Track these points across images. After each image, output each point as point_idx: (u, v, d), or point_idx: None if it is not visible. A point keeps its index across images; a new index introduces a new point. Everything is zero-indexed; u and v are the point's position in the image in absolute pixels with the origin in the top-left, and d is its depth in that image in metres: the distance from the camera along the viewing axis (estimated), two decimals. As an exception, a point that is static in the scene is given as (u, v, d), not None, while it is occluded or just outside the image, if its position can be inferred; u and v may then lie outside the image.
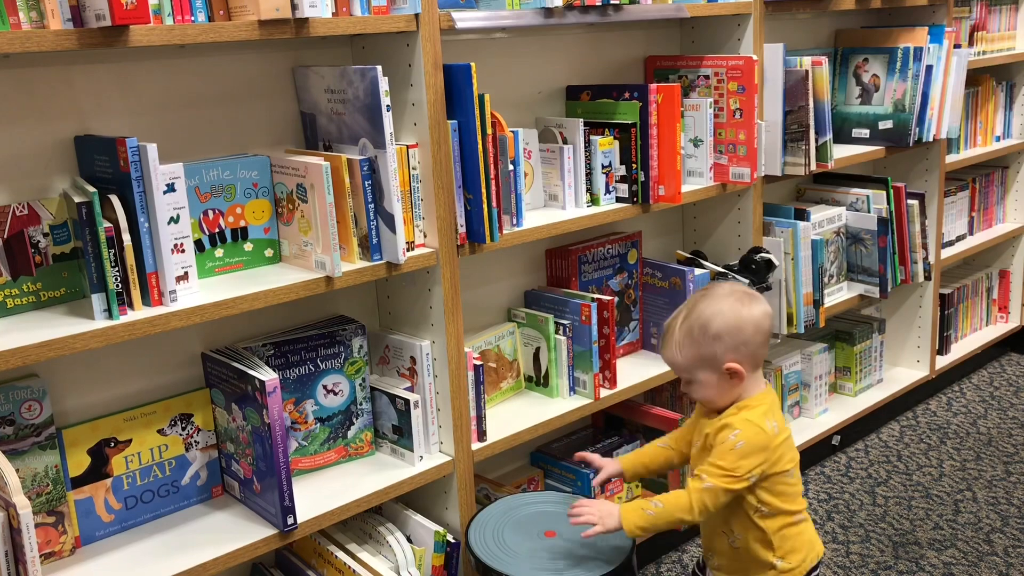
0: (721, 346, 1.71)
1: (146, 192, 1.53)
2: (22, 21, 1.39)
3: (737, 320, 1.71)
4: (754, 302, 1.74)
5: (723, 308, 1.72)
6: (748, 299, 1.74)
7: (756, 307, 1.74)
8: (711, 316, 1.72)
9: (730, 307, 1.72)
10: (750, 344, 1.71)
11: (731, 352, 1.71)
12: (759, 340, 1.73)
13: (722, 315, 1.71)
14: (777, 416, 1.73)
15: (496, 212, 1.92)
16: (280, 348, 1.88)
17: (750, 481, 1.67)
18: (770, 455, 1.68)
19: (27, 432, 1.60)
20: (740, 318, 1.71)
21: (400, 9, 1.77)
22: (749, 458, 1.66)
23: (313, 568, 1.94)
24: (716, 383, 1.73)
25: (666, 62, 2.50)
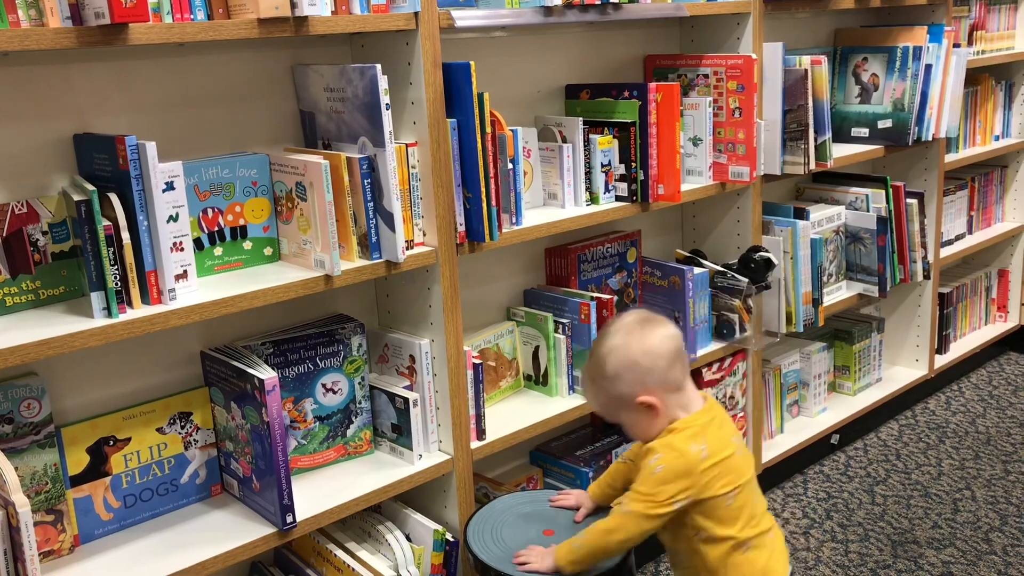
0: (623, 384, 1.67)
1: (145, 190, 1.53)
2: (21, 19, 1.39)
3: (627, 355, 1.66)
4: (646, 329, 1.68)
5: (614, 345, 1.68)
6: (639, 328, 1.68)
7: (649, 335, 1.67)
8: (604, 357, 1.68)
9: (621, 342, 1.67)
10: (653, 373, 1.65)
11: (637, 387, 1.66)
12: (662, 365, 1.66)
13: (613, 353, 1.67)
14: (710, 438, 1.65)
15: (495, 211, 1.92)
16: (279, 347, 1.88)
17: (673, 506, 1.61)
18: (696, 480, 1.61)
19: (26, 430, 1.59)
20: (630, 352, 1.66)
21: (399, 7, 1.77)
22: (669, 484, 1.61)
23: (312, 567, 1.94)
24: (637, 419, 1.69)
25: (665, 61, 2.50)
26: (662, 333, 1.69)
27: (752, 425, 2.66)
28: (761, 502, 1.73)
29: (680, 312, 2.41)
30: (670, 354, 1.67)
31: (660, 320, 1.73)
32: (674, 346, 1.69)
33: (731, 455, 1.66)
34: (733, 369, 2.57)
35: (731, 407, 2.59)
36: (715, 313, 2.51)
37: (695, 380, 2.47)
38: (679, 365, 1.69)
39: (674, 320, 2.41)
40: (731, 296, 2.46)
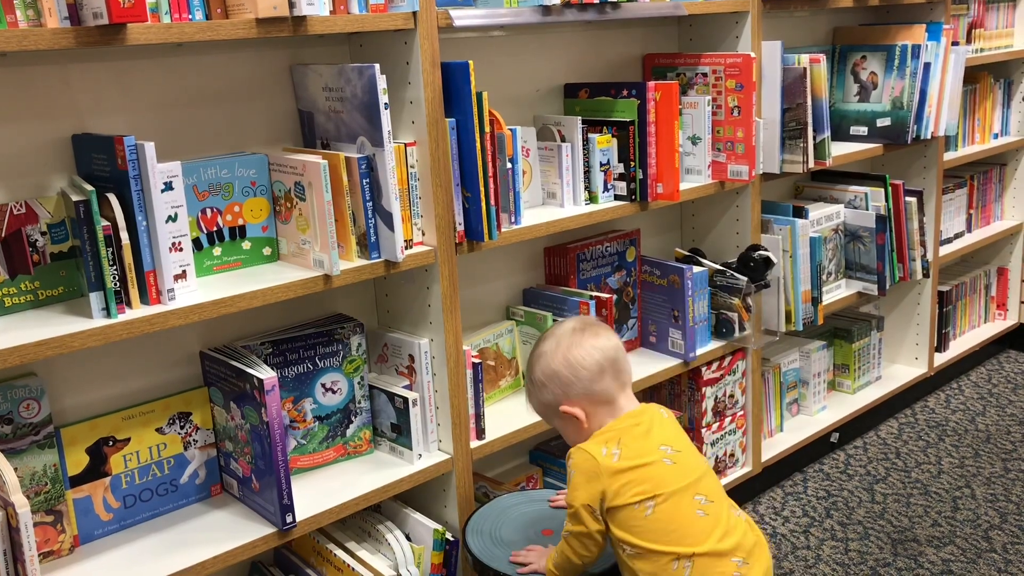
0: (547, 393, 1.66)
1: (144, 190, 1.53)
2: (19, 19, 1.39)
3: (550, 364, 1.64)
4: (576, 339, 1.64)
5: (542, 352, 1.67)
6: (569, 337, 1.65)
7: (576, 345, 1.63)
8: (533, 363, 1.68)
9: (548, 350, 1.66)
10: (574, 385, 1.63)
11: (560, 396, 1.65)
12: (584, 376, 1.62)
13: (540, 360, 1.66)
14: (627, 442, 1.59)
15: (494, 210, 1.92)
16: (278, 346, 1.88)
17: (590, 514, 1.57)
18: (607, 483, 1.56)
19: (25, 431, 1.59)
20: (553, 362, 1.64)
21: (398, 7, 1.77)
22: (579, 489, 1.58)
23: (312, 566, 1.94)
24: (564, 426, 1.68)
25: (664, 60, 2.50)
26: (591, 344, 1.64)
27: (752, 424, 2.66)
28: (716, 521, 1.59)
29: (679, 311, 2.41)
30: (596, 366, 1.63)
31: (596, 330, 1.68)
32: (601, 358, 1.64)
33: (651, 463, 1.58)
34: (732, 368, 2.57)
35: (731, 406, 2.59)
36: (714, 312, 2.51)
37: (695, 379, 2.49)
38: (608, 377, 1.64)
39: (672, 318, 2.42)
40: (730, 295, 2.47)
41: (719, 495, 1.63)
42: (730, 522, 1.61)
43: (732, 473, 2.64)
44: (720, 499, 1.63)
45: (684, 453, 1.62)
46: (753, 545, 1.61)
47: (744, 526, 1.63)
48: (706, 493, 1.60)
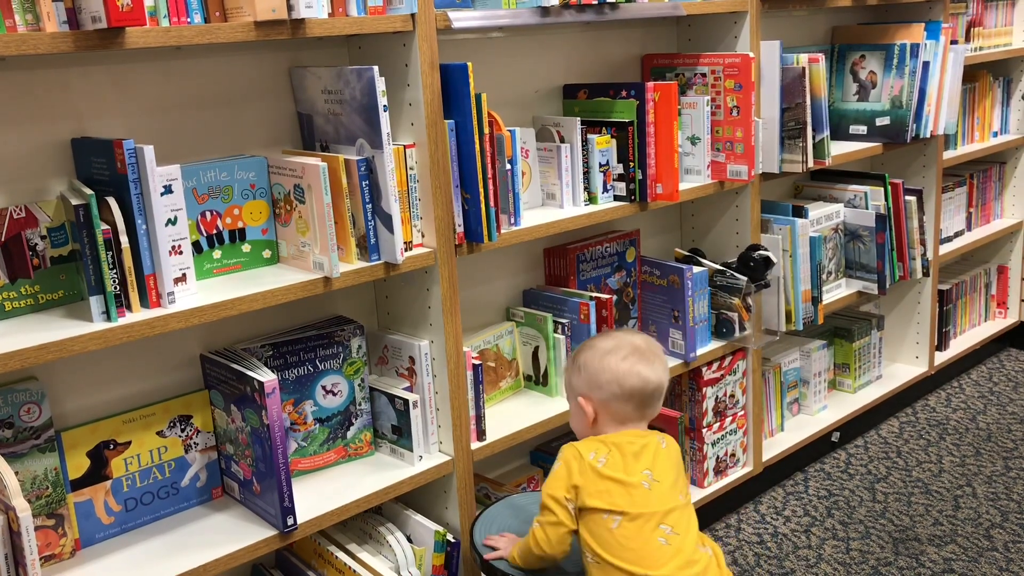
0: (578, 379, 1.72)
1: (143, 194, 1.53)
2: (18, 24, 1.39)
3: (595, 362, 1.69)
4: (631, 357, 1.68)
5: (598, 346, 1.72)
6: (627, 352, 1.69)
7: (626, 362, 1.67)
8: (584, 349, 1.74)
9: (603, 349, 1.71)
10: (603, 391, 1.68)
11: (585, 388, 1.70)
12: (616, 392, 1.67)
13: (593, 352, 1.72)
14: (615, 456, 1.62)
15: (494, 211, 1.92)
16: (279, 349, 1.88)
17: (563, 505, 1.61)
18: (585, 480, 1.60)
19: (26, 435, 1.59)
20: (599, 362, 1.69)
21: (396, 9, 1.77)
22: (558, 480, 1.63)
23: (313, 568, 1.94)
24: (575, 412, 1.75)
25: (663, 60, 2.50)
26: (640, 370, 1.68)
27: (752, 423, 2.66)
28: (678, 551, 1.61)
29: (679, 311, 2.41)
30: (630, 390, 1.68)
31: (651, 360, 1.70)
32: (639, 385, 1.68)
33: (630, 483, 1.61)
34: (733, 368, 2.57)
35: (731, 406, 2.59)
36: (715, 312, 2.51)
37: (695, 379, 2.49)
38: (632, 404, 1.69)
39: (673, 318, 2.42)
40: (730, 295, 2.47)
41: (687, 530, 1.65)
42: (693, 556, 1.63)
43: (733, 473, 2.64)
44: (687, 534, 1.64)
45: (662, 484, 1.64)
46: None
47: (709, 561, 1.65)
48: (673, 525, 1.62)
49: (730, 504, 2.69)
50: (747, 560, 2.47)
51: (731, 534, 2.60)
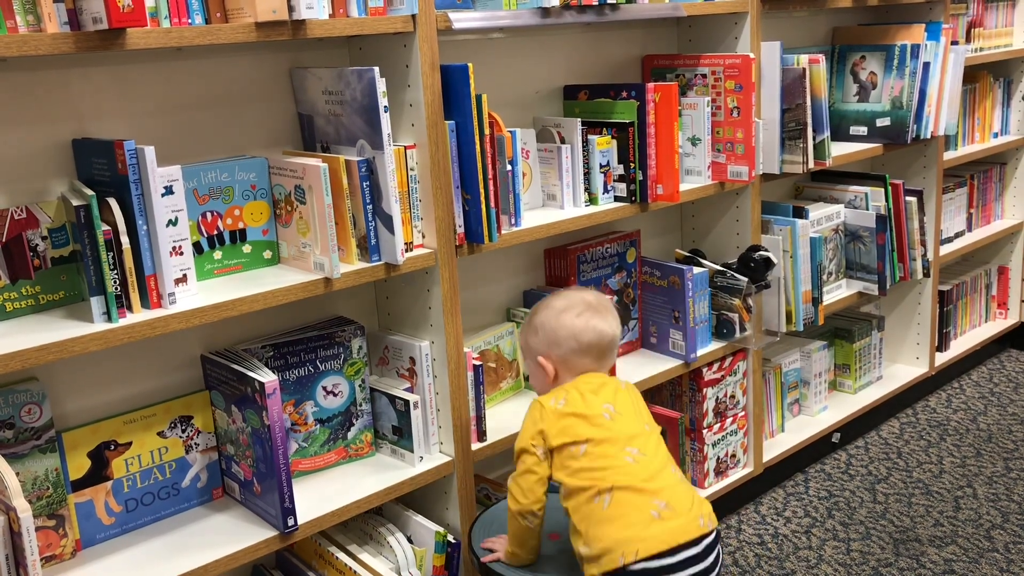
0: (535, 339, 1.78)
1: (144, 195, 1.53)
2: (19, 24, 1.39)
3: (551, 321, 1.76)
4: (585, 313, 1.74)
5: (552, 306, 1.78)
6: (583, 308, 1.75)
7: (581, 318, 1.74)
8: (539, 310, 1.80)
9: (557, 308, 1.77)
10: (560, 347, 1.74)
11: (542, 348, 1.77)
12: (573, 347, 1.74)
13: (546, 312, 1.78)
14: (573, 395, 1.69)
15: (494, 212, 1.93)
16: (279, 350, 1.88)
17: (534, 452, 1.67)
18: (548, 424, 1.67)
19: (27, 435, 1.60)
20: (558, 321, 1.75)
21: (397, 10, 1.77)
22: (524, 432, 1.70)
23: (314, 569, 1.94)
24: (534, 372, 1.80)
25: (663, 61, 2.50)
26: (594, 324, 1.75)
27: (753, 424, 2.66)
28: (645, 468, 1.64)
29: (680, 312, 2.41)
30: (586, 344, 1.74)
31: (604, 314, 1.77)
32: (595, 339, 1.74)
33: (590, 415, 1.67)
34: (733, 368, 2.57)
35: (732, 406, 2.59)
36: (715, 312, 2.51)
37: (695, 380, 2.49)
38: (590, 358, 1.75)
39: (673, 319, 2.42)
40: (731, 295, 2.47)
41: (655, 453, 1.69)
42: (662, 474, 1.66)
43: (733, 474, 2.64)
44: (654, 456, 1.68)
45: (624, 415, 1.70)
46: (685, 503, 1.64)
47: (678, 484, 1.66)
48: (639, 447, 1.67)
49: (730, 505, 2.69)
50: (747, 561, 2.47)
51: (731, 535, 2.60)
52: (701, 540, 1.61)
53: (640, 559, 1.56)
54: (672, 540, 1.58)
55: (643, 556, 1.56)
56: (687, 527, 1.60)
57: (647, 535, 1.57)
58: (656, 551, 1.56)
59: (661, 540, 1.57)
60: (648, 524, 1.58)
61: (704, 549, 1.61)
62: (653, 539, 1.57)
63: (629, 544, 1.57)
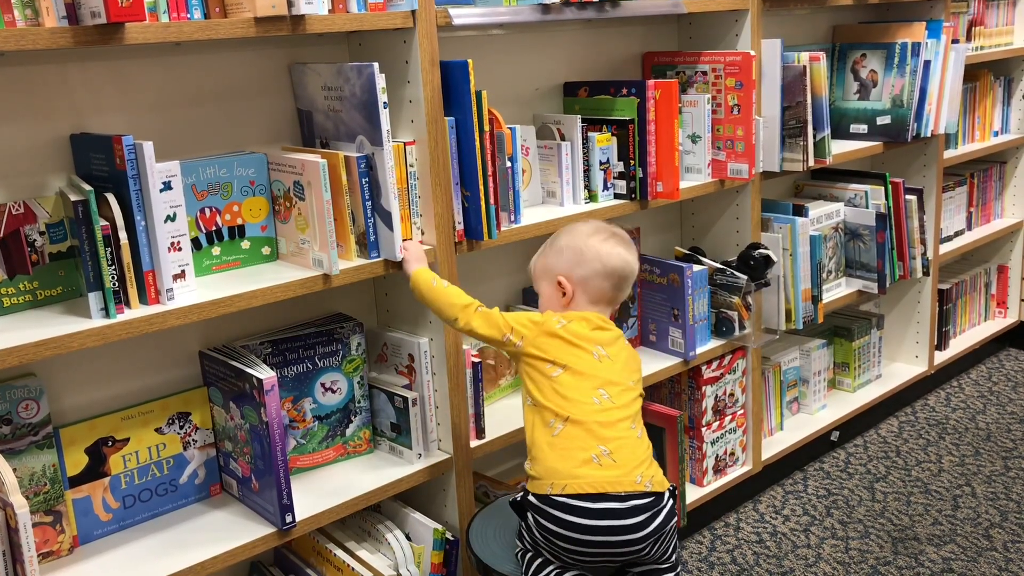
0: (561, 260, 1.77)
1: (142, 190, 1.52)
2: (17, 19, 1.38)
3: (579, 242, 1.76)
4: (611, 240, 1.76)
5: (579, 229, 1.79)
6: (607, 235, 1.77)
7: (608, 244, 1.75)
8: (564, 233, 1.80)
9: (585, 231, 1.78)
10: (586, 268, 1.74)
11: (565, 267, 1.76)
12: (598, 270, 1.74)
13: (573, 233, 1.79)
14: (575, 325, 1.70)
15: (494, 209, 1.92)
16: (278, 346, 1.87)
17: (503, 336, 1.70)
18: (537, 329, 1.69)
19: (24, 431, 1.59)
20: (582, 242, 1.76)
21: (397, 6, 1.76)
22: (520, 321, 1.72)
23: (312, 566, 1.94)
24: (550, 294, 1.78)
25: (664, 58, 2.50)
26: (621, 251, 1.76)
27: (752, 422, 2.66)
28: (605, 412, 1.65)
29: (679, 309, 2.41)
30: (611, 269, 1.75)
31: (628, 245, 1.79)
32: (620, 265, 1.76)
33: (580, 347, 1.69)
34: (733, 366, 2.57)
35: (731, 404, 2.59)
36: (714, 310, 2.50)
37: (695, 378, 2.49)
38: (610, 283, 1.75)
39: (672, 317, 2.41)
40: (730, 293, 2.46)
41: (625, 406, 1.69)
42: (619, 425, 1.66)
43: (732, 472, 2.64)
44: (623, 408, 1.68)
45: (613, 362, 1.71)
46: (630, 459, 1.63)
47: (633, 440, 1.66)
48: (611, 395, 1.68)
49: (729, 503, 2.69)
50: (746, 559, 2.47)
51: (730, 533, 2.60)
52: (629, 498, 1.60)
53: (565, 494, 1.59)
54: (599, 487, 1.60)
55: (568, 493, 1.59)
56: (621, 479, 1.61)
57: (579, 474, 1.61)
58: (581, 492, 1.59)
59: (589, 483, 1.60)
60: (583, 464, 1.61)
61: (630, 508, 1.59)
62: (583, 479, 1.60)
63: (559, 477, 1.61)
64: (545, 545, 1.63)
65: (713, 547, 2.53)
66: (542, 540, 1.63)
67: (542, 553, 1.66)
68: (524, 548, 1.69)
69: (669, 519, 1.64)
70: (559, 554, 1.63)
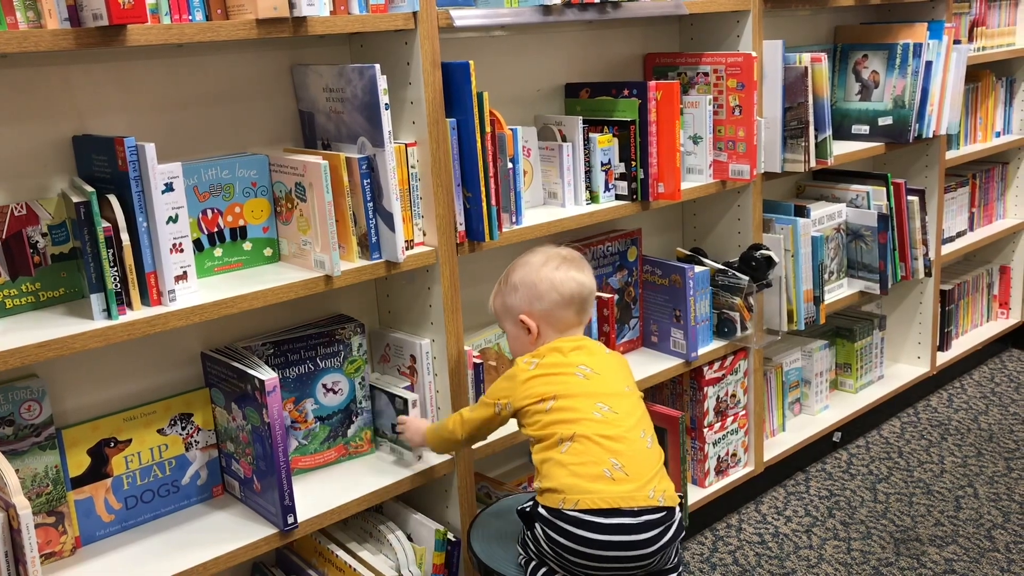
0: (517, 298, 1.77)
1: (144, 192, 1.53)
2: (19, 21, 1.39)
3: (531, 276, 1.75)
4: (563, 266, 1.76)
5: (528, 262, 1.78)
6: (557, 260, 1.77)
7: (560, 269, 1.75)
8: (515, 268, 1.80)
9: (535, 263, 1.77)
10: (543, 301, 1.74)
11: (524, 305, 1.76)
12: (556, 300, 1.73)
13: (524, 268, 1.78)
14: (549, 358, 1.70)
15: (495, 210, 1.92)
16: (279, 347, 1.88)
17: (495, 408, 1.71)
18: (516, 388, 1.69)
19: (27, 432, 1.59)
20: (537, 274, 1.75)
21: (398, 7, 1.77)
22: (496, 385, 1.74)
23: (314, 567, 1.94)
24: (516, 334, 1.79)
25: (665, 59, 2.50)
26: (574, 275, 1.76)
27: (754, 423, 2.66)
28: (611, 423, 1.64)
29: (681, 310, 2.41)
30: (569, 296, 1.75)
31: (580, 266, 1.78)
32: (576, 290, 1.75)
33: (560, 373, 1.69)
34: (734, 367, 2.57)
35: (733, 405, 2.59)
36: (716, 311, 2.50)
37: (696, 379, 2.49)
38: (572, 310, 1.76)
39: (674, 318, 2.41)
40: (732, 294, 2.46)
41: (628, 414, 1.68)
42: (628, 435, 1.65)
43: (734, 473, 2.64)
44: (627, 416, 1.67)
45: (602, 376, 1.71)
46: (642, 471, 1.63)
47: (643, 449, 1.65)
48: (611, 405, 1.67)
49: (731, 504, 2.69)
50: (748, 560, 2.47)
51: (732, 534, 2.60)
52: (642, 513, 1.59)
53: (578, 509, 1.58)
54: (612, 502, 1.59)
55: (581, 508, 1.58)
56: (634, 494, 1.60)
57: (592, 489, 1.59)
58: (594, 507, 1.58)
59: (602, 498, 1.59)
60: (596, 479, 1.60)
61: (642, 524, 1.59)
62: (596, 494, 1.59)
63: (572, 492, 1.59)
64: (553, 558, 1.62)
65: (715, 548, 2.53)
66: (550, 552, 1.62)
67: (548, 563, 1.65)
68: (528, 557, 1.69)
69: (679, 533, 1.65)
70: (568, 567, 1.62)
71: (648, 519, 1.59)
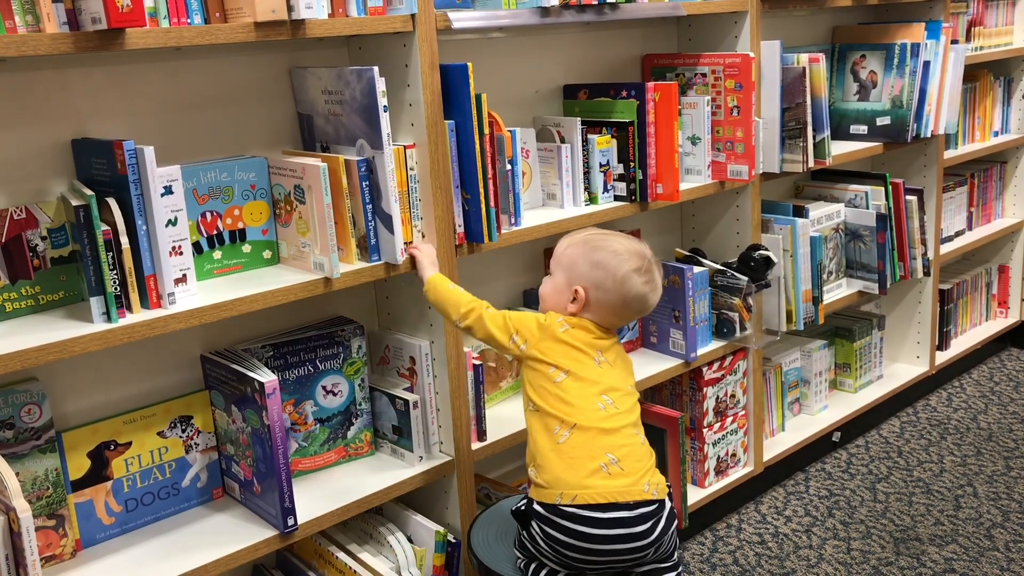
0: (589, 272, 1.72)
1: (144, 195, 1.53)
2: (18, 25, 1.39)
3: (620, 273, 1.71)
4: (648, 284, 1.72)
5: (625, 260, 1.71)
6: (649, 279, 1.73)
7: (645, 288, 1.72)
8: (611, 251, 1.72)
9: (632, 264, 1.71)
10: (608, 296, 1.70)
11: (591, 284, 1.71)
12: (614, 303, 1.71)
13: (616, 257, 1.72)
14: (579, 330, 1.70)
15: (494, 212, 1.92)
16: (279, 349, 1.88)
17: (509, 339, 1.70)
18: (542, 339, 1.69)
19: (27, 435, 1.60)
20: (623, 274, 1.71)
21: (396, 10, 1.77)
22: (528, 324, 1.71)
23: (314, 569, 1.94)
24: (559, 289, 1.74)
25: (663, 60, 2.50)
26: (647, 295, 1.73)
27: (753, 423, 2.66)
28: (610, 418, 1.66)
29: (680, 311, 2.41)
30: (630, 308, 1.73)
31: (658, 287, 1.76)
32: (637, 308, 1.74)
33: (583, 352, 1.69)
34: (734, 368, 2.57)
35: (732, 405, 2.59)
36: (715, 312, 2.51)
37: (696, 379, 2.49)
38: (617, 317, 1.74)
39: (673, 318, 2.42)
40: (731, 295, 2.47)
41: (628, 412, 1.69)
42: (625, 431, 1.67)
43: (734, 473, 2.64)
44: (627, 414, 1.69)
45: (614, 368, 1.72)
46: (638, 466, 1.64)
47: (638, 446, 1.67)
48: (615, 400, 1.68)
49: (731, 504, 2.69)
50: (748, 560, 2.47)
51: (732, 534, 2.60)
52: (637, 506, 1.61)
53: (575, 504, 1.59)
54: (609, 497, 1.60)
55: (577, 503, 1.59)
56: (630, 489, 1.62)
57: (588, 484, 1.61)
58: (591, 502, 1.59)
59: (599, 493, 1.60)
60: (593, 474, 1.61)
61: (638, 516, 1.61)
62: (593, 489, 1.60)
63: (568, 487, 1.60)
64: (550, 554, 1.63)
65: (715, 548, 2.54)
66: (547, 549, 1.63)
67: (545, 563, 1.66)
68: (526, 559, 1.69)
69: (671, 522, 1.66)
70: (565, 562, 1.63)
71: (643, 511, 1.61)
